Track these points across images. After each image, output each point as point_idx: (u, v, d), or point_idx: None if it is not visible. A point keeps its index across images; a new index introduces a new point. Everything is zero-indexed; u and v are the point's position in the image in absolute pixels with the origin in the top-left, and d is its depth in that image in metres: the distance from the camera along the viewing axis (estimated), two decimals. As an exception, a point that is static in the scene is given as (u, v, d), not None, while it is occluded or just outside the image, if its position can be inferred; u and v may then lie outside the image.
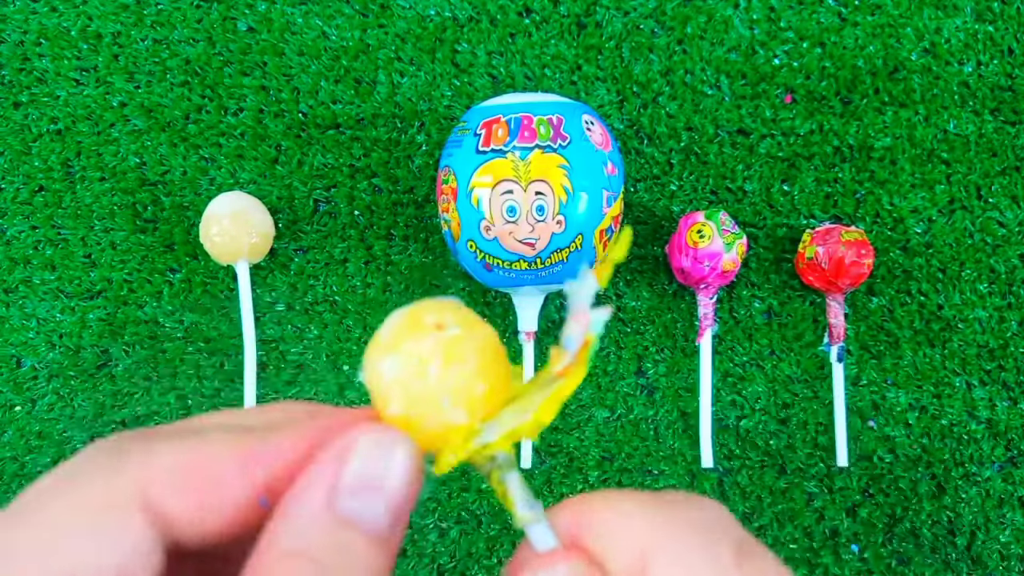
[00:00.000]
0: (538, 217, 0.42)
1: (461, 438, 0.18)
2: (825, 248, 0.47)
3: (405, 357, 0.17)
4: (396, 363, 0.17)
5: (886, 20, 0.51)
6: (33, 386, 0.51)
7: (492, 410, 0.18)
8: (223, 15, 0.52)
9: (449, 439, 0.18)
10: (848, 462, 0.49)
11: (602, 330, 0.18)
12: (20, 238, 0.52)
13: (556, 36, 0.52)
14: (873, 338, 0.50)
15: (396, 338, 0.18)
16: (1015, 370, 0.49)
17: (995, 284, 0.50)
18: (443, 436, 0.18)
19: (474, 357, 0.18)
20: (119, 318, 0.51)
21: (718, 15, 0.51)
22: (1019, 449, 0.49)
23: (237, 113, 0.52)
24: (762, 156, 0.51)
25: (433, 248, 0.51)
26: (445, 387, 0.17)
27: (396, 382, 0.17)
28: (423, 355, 0.17)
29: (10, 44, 0.53)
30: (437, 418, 0.17)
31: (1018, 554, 0.48)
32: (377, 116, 0.52)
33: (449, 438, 0.18)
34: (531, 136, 0.43)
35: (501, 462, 0.18)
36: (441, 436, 0.18)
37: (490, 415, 0.18)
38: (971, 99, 0.51)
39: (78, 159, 0.53)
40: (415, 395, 0.17)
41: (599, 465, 0.50)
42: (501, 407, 0.18)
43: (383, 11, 0.52)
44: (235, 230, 0.48)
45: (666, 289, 0.51)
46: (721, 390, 0.50)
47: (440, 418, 0.17)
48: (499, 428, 0.18)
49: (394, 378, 0.17)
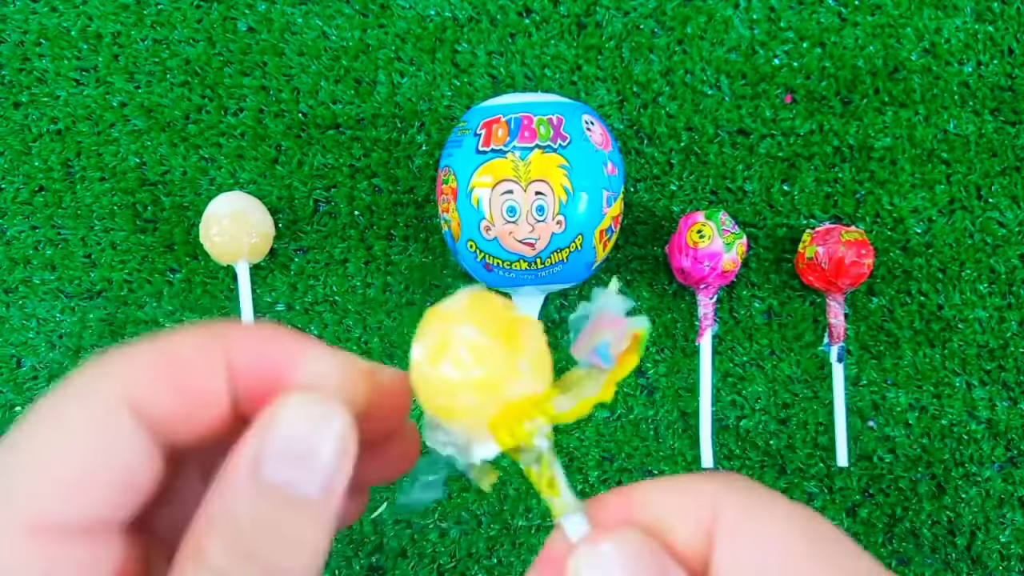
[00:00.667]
0: (538, 217, 0.42)
1: (539, 407, 0.18)
2: (825, 248, 0.47)
3: (486, 326, 0.18)
4: (477, 331, 0.18)
5: (886, 20, 0.51)
6: (33, 386, 0.51)
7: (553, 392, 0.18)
8: (223, 15, 0.52)
9: (525, 409, 0.18)
10: (848, 462, 0.49)
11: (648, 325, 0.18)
12: (20, 238, 0.52)
13: (556, 36, 0.52)
14: (873, 338, 0.50)
15: (472, 309, 0.18)
16: (1015, 370, 0.49)
17: (995, 284, 0.50)
18: (520, 406, 0.18)
19: (541, 337, 0.18)
20: (119, 318, 0.51)
21: (718, 15, 0.51)
22: (1019, 449, 0.49)
23: (237, 113, 0.52)
24: (762, 156, 0.51)
25: (433, 248, 0.51)
26: (525, 355, 0.18)
27: (476, 347, 0.18)
28: (502, 325, 0.18)
29: (10, 44, 0.53)
30: (518, 385, 0.18)
31: (1018, 554, 0.48)
32: (377, 116, 0.52)
33: (525, 408, 0.18)
34: (531, 136, 0.43)
35: (547, 449, 0.18)
36: (518, 405, 0.18)
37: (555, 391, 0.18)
38: (971, 99, 0.51)
39: (78, 159, 0.53)
40: (496, 360, 0.18)
41: (599, 465, 0.50)
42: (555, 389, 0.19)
43: (383, 11, 0.52)
44: (235, 230, 0.48)
45: (666, 289, 0.51)
46: (721, 390, 0.50)
47: (519, 385, 0.18)
48: (568, 402, 0.18)
49: (477, 344, 0.18)
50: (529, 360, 0.18)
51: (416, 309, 0.51)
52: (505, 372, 0.18)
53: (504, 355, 0.18)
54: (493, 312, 0.18)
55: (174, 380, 0.17)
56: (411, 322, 0.51)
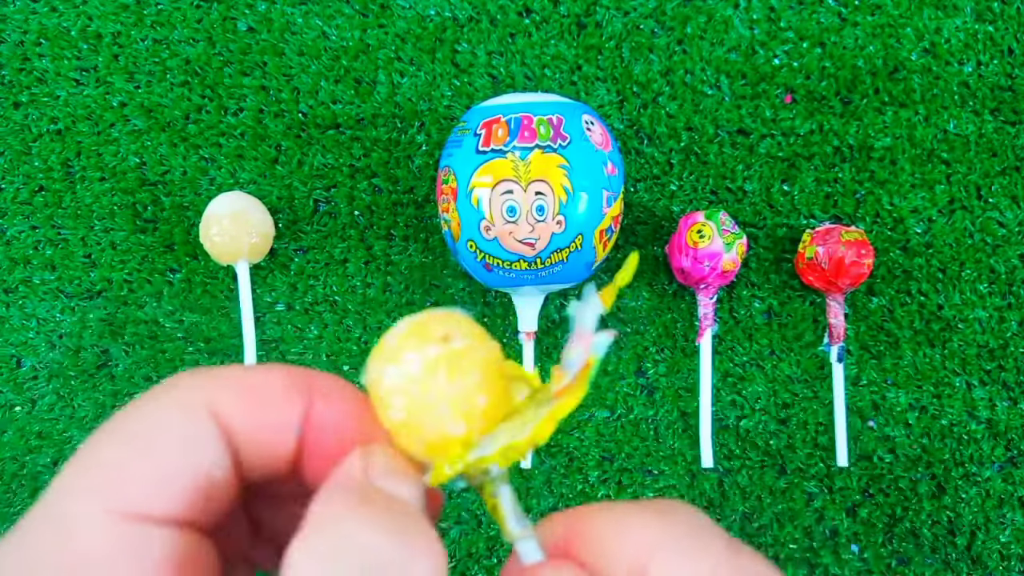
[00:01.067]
0: (538, 217, 0.42)
1: (458, 449, 0.18)
2: (825, 248, 0.47)
3: (409, 366, 0.17)
4: (399, 371, 0.17)
5: (886, 20, 0.51)
6: (33, 386, 0.51)
7: (490, 424, 0.18)
8: (223, 15, 0.52)
9: (447, 450, 0.18)
10: (848, 462, 0.49)
11: (604, 353, 0.18)
12: (20, 238, 0.52)
13: (556, 36, 0.52)
14: (873, 338, 0.50)
15: (402, 346, 0.18)
16: (1015, 370, 0.49)
17: (995, 284, 0.50)
18: (441, 447, 0.18)
19: (477, 371, 0.18)
20: (119, 318, 0.51)
21: (718, 15, 0.51)
22: (1019, 449, 0.49)
23: (237, 113, 0.52)
24: (762, 156, 0.51)
25: (433, 248, 0.51)
26: (446, 398, 0.17)
27: (398, 390, 0.17)
28: (427, 365, 0.17)
29: (10, 44, 0.53)
30: (436, 428, 0.17)
31: (1018, 554, 0.48)
32: (377, 116, 0.52)
33: (447, 449, 0.18)
34: (531, 136, 0.43)
35: (495, 476, 0.18)
36: (439, 446, 0.18)
37: (488, 428, 0.18)
38: (971, 99, 0.51)
39: (78, 159, 0.53)
40: (416, 404, 0.17)
41: (599, 465, 0.50)
42: (499, 421, 0.18)
43: (383, 11, 0.52)
44: (235, 230, 0.48)
45: (666, 289, 0.51)
46: (721, 390, 0.50)
47: (439, 428, 0.17)
48: (496, 443, 0.18)
49: (396, 386, 0.17)
50: (452, 400, 0.17)
51: (416, 309, 0.51)
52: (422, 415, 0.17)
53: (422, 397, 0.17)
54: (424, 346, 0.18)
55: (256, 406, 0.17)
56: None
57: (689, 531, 0.17)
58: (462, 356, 0.18)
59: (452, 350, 0.18)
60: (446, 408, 0.17)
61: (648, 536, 0.17)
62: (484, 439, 0.18)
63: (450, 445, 0.18)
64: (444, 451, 0.18)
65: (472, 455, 0.18)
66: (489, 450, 0.18)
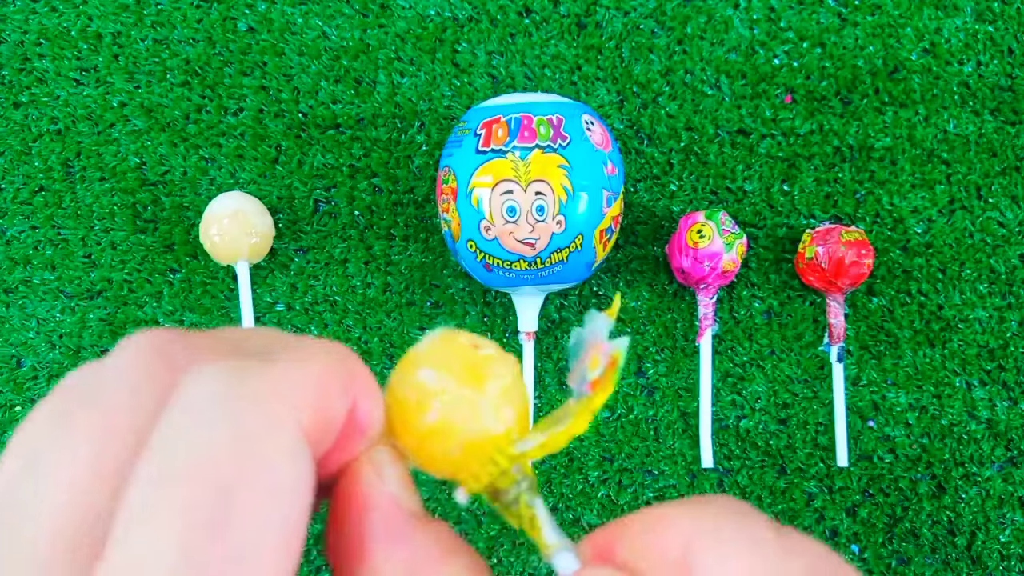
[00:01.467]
0: (538, 217, 0.42)
1: (499, 447, 0.18)
2: (825, 248, 0.47)
3: (445, 368, 0.18)
4: (435, 374, 0.18)
5: (886, 20, 0.51)
6: (33, 386, 0.51)
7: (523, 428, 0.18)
8: (223, 15, 0.52)
9: (486, 449, 0.18)
10: (848, 462, 0.49)
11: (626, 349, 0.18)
12: (20, 238, 0.52)
13: (556, 36, 0.52)
14: (873, 338, 0.50)
15: (435, 351, 0.18)
16: (1015, 370, 0.49)
17: (995, 284, 0.50)
18: (480, 446, 0.18)
19: (509, 375, 0.18)
20: (119, 318, 0.51)
21: (718, 15, 0.51)
22: (1019, 449, 0.49)
23: (237, 113, 0.52)
24: (762, 156, 0.51)
25: (433, 248, 0.51)
26: (486, 396, 0.18)
27: (435, 391, 0.18)
28: (465, 366, 0.18)
29: (10, 44, 0.53)
30: (476, 426, 0.18)
31: (1018, 554, 0.48)
32: (377, 116, 0.52)
33: (486, 448, 0.18)
34: (531, 136, 0.43)
35: (526, 488, 0.18)
36: (478, 446, 0.18)
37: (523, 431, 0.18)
38: (971, 99, 0.51)
39: (78, 159, 0.53)
40: (454, 404, 0.18)
41: (599, 465, 0.50)
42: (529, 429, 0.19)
43: (383, 11, 0.52)
44: (235, 230, 0.48)
45: (666, 289, 0.51)
46: (721, 390, 0.50)
47: (479, 426, 0.18)
48: (534, 439, 0.18)
49: (433, 388, 0.18)
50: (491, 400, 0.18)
51: (416, 309, 0.51)
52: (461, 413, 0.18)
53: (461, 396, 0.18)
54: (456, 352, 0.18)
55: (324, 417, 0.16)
56: (411, 322, 0.51)
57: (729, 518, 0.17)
58: (494, 361, 0.18)
59: (486, 354, 0.18)
60: (487, 406, 0.18)
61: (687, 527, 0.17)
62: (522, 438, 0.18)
63: (490, 444, 0.18)
64: (483, 451, 0.18)
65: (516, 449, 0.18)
66: (530, 445, 0.18)
